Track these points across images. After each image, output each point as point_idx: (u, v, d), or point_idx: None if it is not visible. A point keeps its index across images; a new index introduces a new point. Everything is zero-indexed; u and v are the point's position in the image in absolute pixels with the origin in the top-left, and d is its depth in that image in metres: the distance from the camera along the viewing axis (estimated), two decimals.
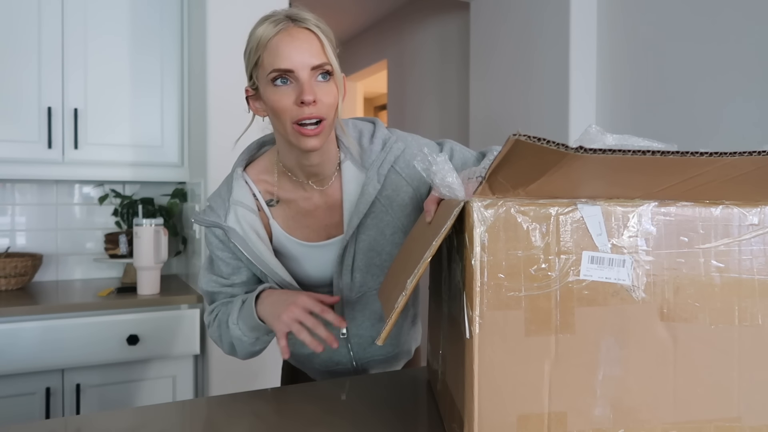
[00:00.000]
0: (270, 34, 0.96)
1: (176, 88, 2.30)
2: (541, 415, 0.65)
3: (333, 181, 1.09)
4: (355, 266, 1.10)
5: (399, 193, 1.08)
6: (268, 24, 0.97)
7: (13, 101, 2.06)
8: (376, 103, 7.04)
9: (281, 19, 0.97)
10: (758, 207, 0.68)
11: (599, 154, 0.53)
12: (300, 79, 0.95)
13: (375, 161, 1.07)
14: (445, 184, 0.71)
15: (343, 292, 1.12)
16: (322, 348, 0.95)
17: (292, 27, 0.96)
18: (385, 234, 1.09)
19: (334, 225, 1.10)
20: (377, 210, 1.07)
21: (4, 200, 2.32)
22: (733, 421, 0.68)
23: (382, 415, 0.91)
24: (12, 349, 1.79)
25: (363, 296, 1.13)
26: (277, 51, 0.95)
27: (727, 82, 1.84)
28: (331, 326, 1.15)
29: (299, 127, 0.96)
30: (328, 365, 1.20)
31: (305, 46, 0.95)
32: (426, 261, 0.66)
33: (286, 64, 0.94)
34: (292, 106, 0.95)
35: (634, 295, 0.65)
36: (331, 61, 0.97)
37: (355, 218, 1.06)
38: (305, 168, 1.06)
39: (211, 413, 0.98)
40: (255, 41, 0.98)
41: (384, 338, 0.68)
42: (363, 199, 1.05)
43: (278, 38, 0.96)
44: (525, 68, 2.44)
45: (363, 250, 1.09)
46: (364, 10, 3.91)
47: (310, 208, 1.10)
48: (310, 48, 0.95)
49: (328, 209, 1.10)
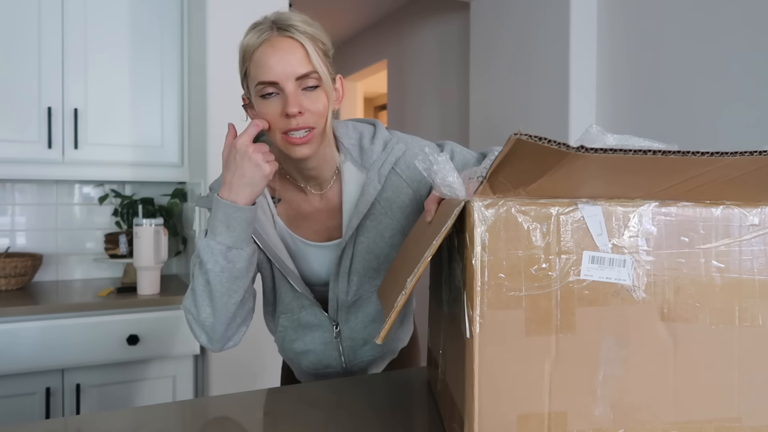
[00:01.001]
0: (254, 46, 0.95)
1: (176, 87, 2.30)
2: (542, 415, 0.65)
3: (332, 185, 1.09)
4: (352, 269, 1.10)
5: (399, 195, 1.08)
6: (253, 33, 0.96)
7: (13, 101, 2.06)
8: (376, 103, 7.05)
9: (265, 28, 0.95)
10: (759, 207, 0.68)
11: (600, 153, 0.53)
12: (284, 90, 0.94)
13: (376, 162, 1.07)
14: (446, 184, 0.71)
15: (339, 295, 1.11)
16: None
17: (275, 37, 0.95)
18: (384, 236, 1.08)
19: (335, 227, 1.10)
20: (377, 212, 1.07)
21: (4, 200, 2.32)
22: (733, 422, 0.68)
23: (382, 415, 0.91)
24: (12, 349, 1.79)
25: (358, 299, 1.13)
26: (261, 63, 0.94)
27: (727, 83, 1.84)
28: (323, 329, 1.16)
29: (288, 137, 0.96)
30: (317, 367, 1.20)
31: (288, 56, 0.94)
32: (426, 260, 0.66)
33: (269, 76, 0.94)
34: (279, 117, 0.95)
35: (634, 295, 0.65)
36: (318, 69, 0.95)
37: (354, 219, 1.05)
38: (303, 172, 1.06)
39: (211, 413, 0.98)
40: (242, 52, 0.98)
41: (383, 337, 0.68)
42: (363, 200, 1.05)
43: (261, 50, 0.95)
44: (525, 68, 2.44)
45: (361, 253, 1.09)
46: (364, 10, 3.91)
47: (310, 210, 1.10)
48: (293, 58, 0.94)
49: (329, 212, 1.10)
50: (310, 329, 1.16)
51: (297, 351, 1.19)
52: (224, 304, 0.98)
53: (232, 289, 0.98)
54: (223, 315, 0.98)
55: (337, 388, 1.05)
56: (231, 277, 0.97)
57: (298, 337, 1.17)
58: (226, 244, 0.96)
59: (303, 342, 1.17)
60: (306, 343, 1.17)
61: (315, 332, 1.16)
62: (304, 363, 1.20)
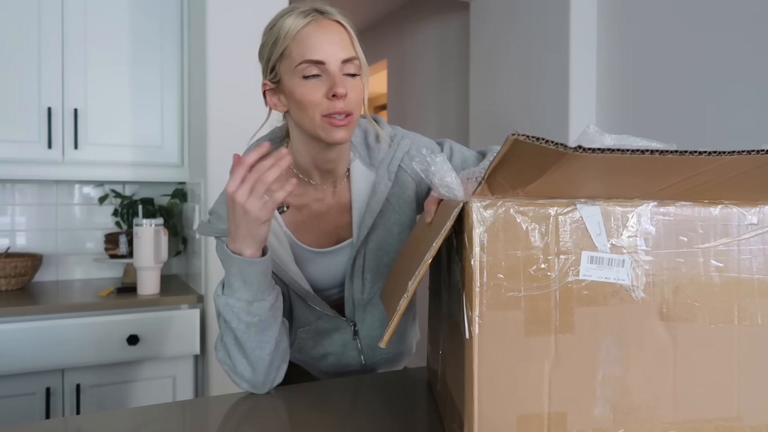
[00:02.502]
0: (300, 25, 0.93)
1: (176, 87, 2.30)
2: (541, 415, 0.65)
3: (344, 181, 1.08)
4: (366, 267, 1.09)
5: (405, 189, 1.07)
6: (296, 15, 0.94)
7: (13, 101, 2.06)
8: (376, 103, 7.03)
9: (309, 11, 0.94)
10: (757, 206, 0.68)
11: (598, 153, 0.53)
12: (330, 71, 0.92)
13: (384, 159, 1.06)
14: (444, 184, 0.71)
15: (355, 294, 1.11)
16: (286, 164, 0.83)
17: (321, 18, 0.94)
18: (393, 232, 1.08)
19: (344, 226, 1.09)
20: (386, 209, 1.07)
21: (4, 200, 2.33)
22: (733, 421, 0.68)
23: (382, 415, 0.91)
24: (12, 349, 1.79)
25: (374, 297, 1.12)
26: (308, 42, 0.92)
27: (727, 83, 1.84)
28: (340, 330, 1.15)
29: (329, 119, 0.93)
30: (337, 368, 1.19)
31: (337, 38, 0.93)
32: (427, 263, 0.66)
33: (318, 55, 0.92)
34: (321, 98, 0.92)
35: (633, 295, 0.65)
36: (360, 56, 0.95)
37: (368, 218, 1.04)
38: (321, 165, 1.03)
39: (211, 413, 0.98)
40: (281, 32, 0.94)
41: (387, 341, 0.68)
42: (375, 198, 1.04)
43: (309, 29, 0.93)
44: (525, 68, 2.44)
45: (372, 251, 1.08)
46: (364, 10, 3.90)
47: (322, 209, 1.08)
48: (341, 40, 0.93)
49: (340, 210, 1.08)
50: (328, 334, 1.15)
51: (316, 356, 1.18)
52: (258, 357, 0.95)
53: (263, 341, 0.94)
54: (260, 366, 0.96)
55: (334, 389, 1.05)
56: (258, 331, 0.94)
57: (317, 343, 1.17)
58: (246, 300, 0.91)
59: (322, 347, 1.17)
60: (325, 347, 1.17)
61: (333, 335, 1.15)
62: (322, 365, 1.20)
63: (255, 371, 0.96)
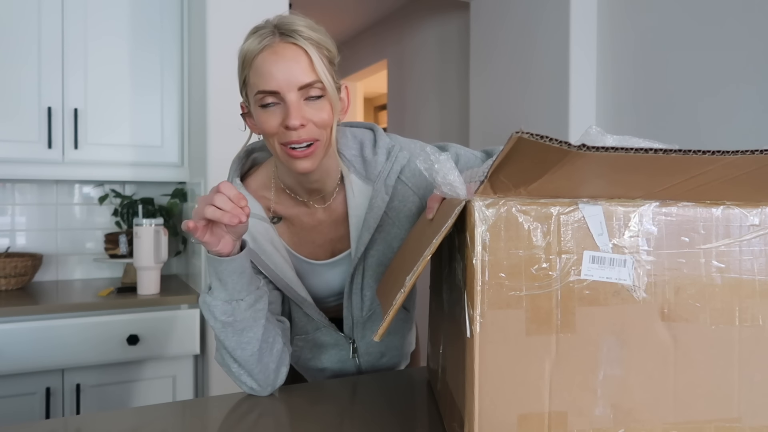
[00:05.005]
0: (254, 52, 0.89)
1: (176, 87, 2.30)
2: (542, 415, 0.64)
3: (336, 196, 1.04)
4: (365, 284, 1.07)
5: (406, 203, 1.04)
6: (253, 39, 0.90)
7: (13, 101, 2.06)
8: (376, 103, 7.04)
9: (267, 33, 0.89)
10: (759, 207, 0.68)
11: (601, 152, 0.53)
12: (286, 100, 0.88)
13: (381, 173, 1.02)
14: (447, 183, 0.71)
15: (354, 312, 1.09)
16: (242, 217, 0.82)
17: (278, 43, 0.88)
18: (393, 247, 1.04)
19: (339, 239, 1.06)
20: (385, 223, 1.03)
21: (4, 200, 2.32)
22: (733, 422, 0.68)
23: (382, 415, 0.91)
24: (12, 349, 1.79)
25: (373, 314, 1.11)
26: (261, 71, 0.88)
27: (727, 83, 1.84)
28: (339, 347, 1.14)
29: (288, 150, 0.90)
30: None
31: (291, 64, 0.87)
32: (426, 258, 0.66)
33: (270, 85, 0.88)
34: (278, 128, 0.89)
35: (635, 295, 0.65)
36: (323, 79, 0.89)
37: (365, 234, 1.01)
38: (305, 185, 1.01)
39: (211, 413, 0.98)
40: (242, 58, 0.92)
41: (381, 334, 0.67)
42: (372, 213, 1.01)
43: (262, 56, 0.88)
44: (525, 68, 2.44)
45: (372, 267, 1.05)
46: (364, 10, 3.91)
47: (313, 223, 1.06)
48: (297, 66, 0.88)
49: (333, 224, 1.06)
50: (326, 348, 1.15)
51: (313, 369, 1.18)
52: (242, 358, 0.94)
53: (243, 341, 0.93)
54: (249, 366, 0.95)
55: (334, 389, 1.04)
56: (236, 332, 0.92)
57: (314, 356, 1.16)
58: (222, 299, 0.90)
59: (320, 360, 1.16)
60: (323, 362, 1.16)
61: (331, 351, 1.15)
62: (319, 377, 1.19)
63: (246, 371, 0.95)
